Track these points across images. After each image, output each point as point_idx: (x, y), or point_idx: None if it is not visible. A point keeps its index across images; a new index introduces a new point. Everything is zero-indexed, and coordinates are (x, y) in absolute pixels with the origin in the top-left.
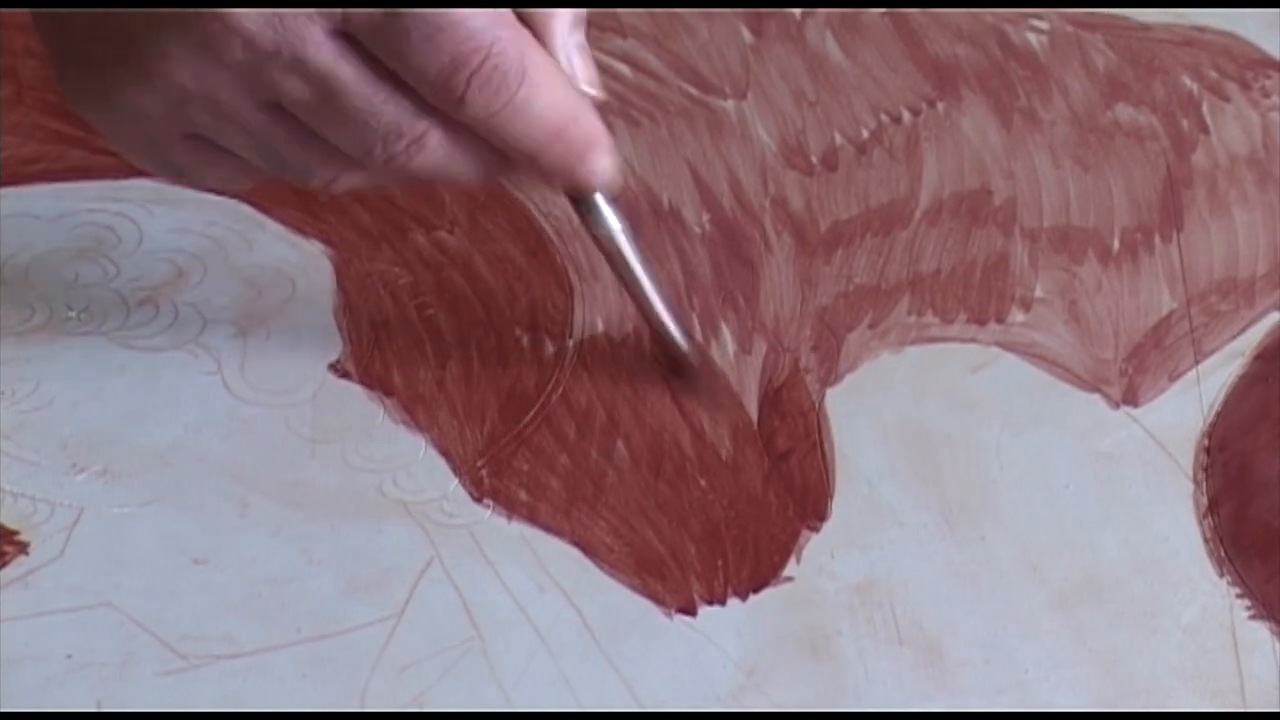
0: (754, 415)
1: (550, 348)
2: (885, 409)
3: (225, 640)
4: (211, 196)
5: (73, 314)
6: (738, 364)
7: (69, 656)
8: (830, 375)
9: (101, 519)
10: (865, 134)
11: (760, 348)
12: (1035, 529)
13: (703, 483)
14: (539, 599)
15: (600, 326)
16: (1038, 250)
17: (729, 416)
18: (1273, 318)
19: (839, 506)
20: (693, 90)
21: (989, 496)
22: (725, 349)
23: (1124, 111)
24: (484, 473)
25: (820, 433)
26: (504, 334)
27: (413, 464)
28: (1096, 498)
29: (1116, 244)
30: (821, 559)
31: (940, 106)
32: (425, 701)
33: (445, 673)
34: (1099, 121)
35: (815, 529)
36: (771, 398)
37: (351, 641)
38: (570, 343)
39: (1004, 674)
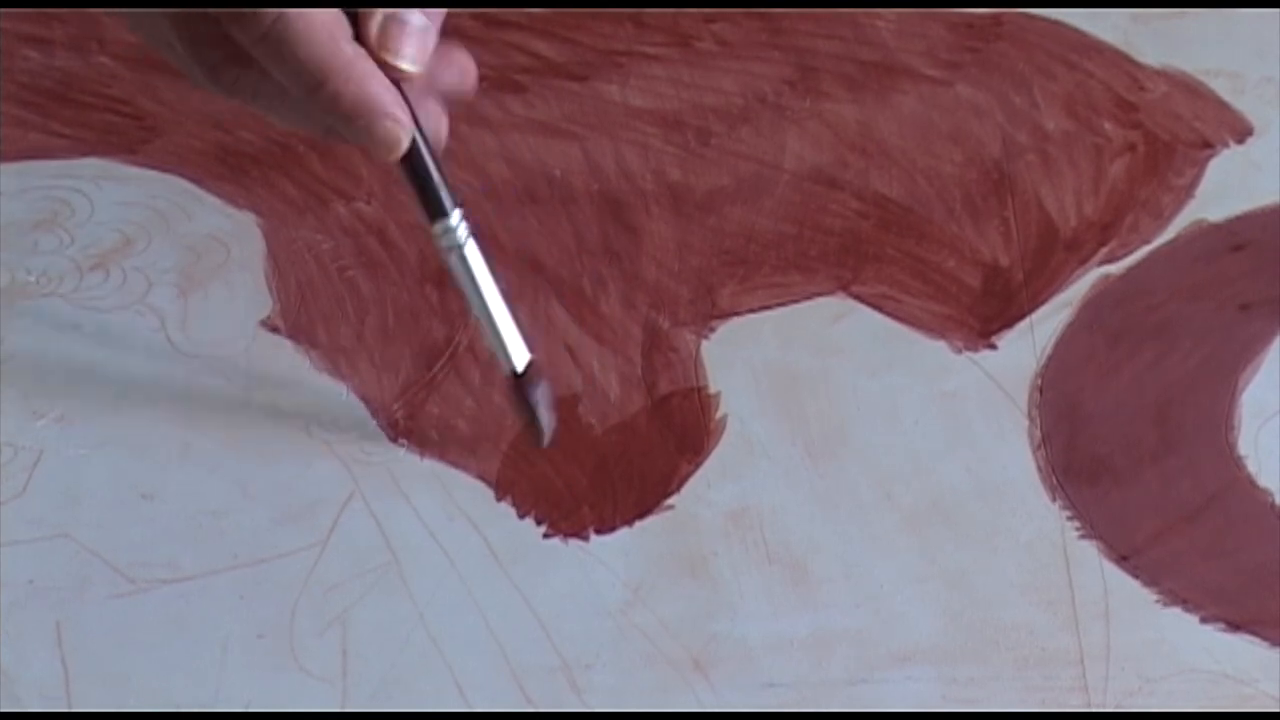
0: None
1: (456, 304)
2: (755, 356)
3: (170, 566)
4: (154, 173)
5: (32, 278)
6: (623, 318)
7: (30, 581)
8: (706, 327)
9: (59, 459)
10: (734, 112)
11: (643, 303)
12: (888, 460)
13: (593, 422)
14: (448, 526)
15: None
16: (888, 214)
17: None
18: (1095, 272)
19: (714, 442)
20: (581, 75)
21: (847, 432)
22: (612, 305)
23: (964, 89)
24: (399, 415)
25: (698, 377)
26: (415, 293)
27: (336, 408)
28: (942, 432)
29: (958, 207)
30: (699, 489)
31: (800, 88)
32: (348, 618)
33: (366, 592)
34: (941, 99)
35: (693, 462)
36: (653, 347)
37: (283, 566)
38: None
39: (862, 589)
